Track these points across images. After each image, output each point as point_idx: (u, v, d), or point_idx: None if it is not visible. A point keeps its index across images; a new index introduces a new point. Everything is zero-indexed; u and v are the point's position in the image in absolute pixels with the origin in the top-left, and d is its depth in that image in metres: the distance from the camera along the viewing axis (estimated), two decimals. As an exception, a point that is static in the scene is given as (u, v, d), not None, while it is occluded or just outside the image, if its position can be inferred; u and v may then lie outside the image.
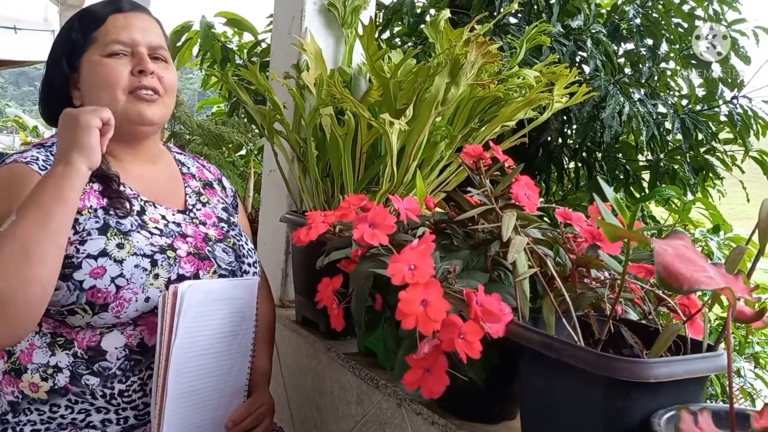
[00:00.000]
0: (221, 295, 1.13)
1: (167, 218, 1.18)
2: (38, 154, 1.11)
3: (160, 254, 1.09)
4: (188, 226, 1.20)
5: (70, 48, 1.16)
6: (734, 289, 0.66)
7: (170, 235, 1.15)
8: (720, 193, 3.00)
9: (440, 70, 1.27)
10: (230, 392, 1.16)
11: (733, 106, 2.70)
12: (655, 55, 2.65)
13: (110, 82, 1.12)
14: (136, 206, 1.14)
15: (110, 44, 1.14)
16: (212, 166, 1.41)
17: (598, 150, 2.81)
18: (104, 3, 1.20)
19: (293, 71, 1.55)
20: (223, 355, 1.14)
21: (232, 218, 1.32)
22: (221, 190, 1.36)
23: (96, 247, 1.04)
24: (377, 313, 1.09)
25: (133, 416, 1.09)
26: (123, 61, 1.14)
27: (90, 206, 1.09)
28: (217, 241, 1.22)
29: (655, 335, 0.84)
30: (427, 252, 0.86)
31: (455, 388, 0.89)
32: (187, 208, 1.24)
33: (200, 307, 1.07)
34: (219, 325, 1.12)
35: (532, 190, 1.01)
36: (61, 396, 1.05)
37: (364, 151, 1.46)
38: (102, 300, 1.02)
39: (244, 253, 1.25)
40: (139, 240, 1.08)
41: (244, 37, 3.23)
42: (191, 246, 1.16)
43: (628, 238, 0.72)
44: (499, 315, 0.85)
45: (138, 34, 1.15)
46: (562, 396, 0.83)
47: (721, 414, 0.74)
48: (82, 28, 1.16)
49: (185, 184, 1.28)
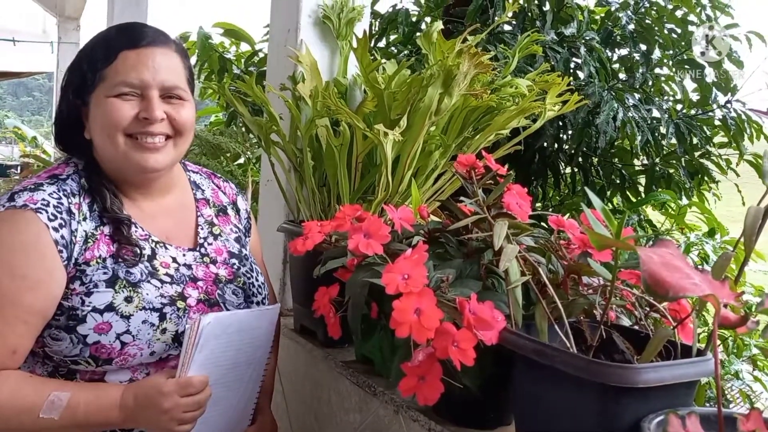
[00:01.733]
0: (240, 326, 1.11)
1: (178, 261, 1.14)
2: (50, 197, 1.05)
3: (170, 306, 1.07)
4: (199, 267, 1.16)
5: (79, 82, 1.09)
6: (719, 295, 0.68)
7: (181, 281, 1.12)
8: (716, 197, 3.02)
9: (433, 81, 1.29)
10: (237, 418, 1.17)
11: (727, 111, 2.72)
12: (648, 60, 2.67)
13: (113, 125, 1.06)
14: (147, 250, 1.10)
15: (118, 85, 1.06)
16: (229, 185, 1.35)
17: (594, 155, 2.83)
18: (120, 33, 1.11)
19: (289, 83, 1.57)
20: (234, 385, 1.13)
21: (244, 250, 1.27)
22: (235, 215, 1.30)
23: (102, 300, 1.02)
24: (373, 321, 1.11)
25: None
26: (131, 102, 1.06)
27: (99, 256, 1.05)
28: (228, 282, 1.19)
29: (646, 340, 0.85)
30: (420, 261, 0.88)
31: (451, 395, 0.90)
32: (198, 243, 1.20)
33: (217, 340, 1.05)
34: (234, 356, 1.11)
35: (524, 198, 1.03)
36: None
37: (360, 160, 1.47)
38: (106, 355, 1.01)
39: (253, 291, 1.22)
40: (149, 292, 1.06)
41: (241, 47, 3.25)
42: (201, 291, 1.13)
43: (614, 246, 0.73)
44: (492, 323, 0.87)
45: (149, 74, 1.06)
46: (555, 402, 0.85)
47: (710, 417, 0.76)
48: (93, 63, 1.08)
49: (198, 213, 1.24)
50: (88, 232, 1.06)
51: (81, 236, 1.05)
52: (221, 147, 2.58)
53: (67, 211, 1.05)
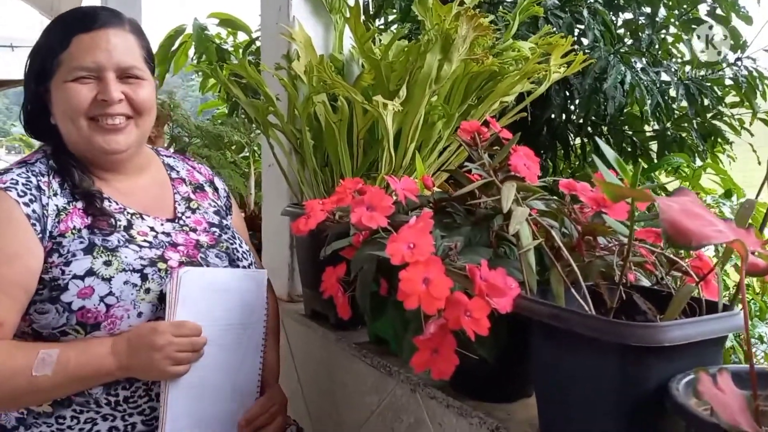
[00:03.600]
0: (225, 285, 1.11)
1: (156, 229, 1.14)
2: (19, 177, 1.07)
3: (150, 267, 1.07)
4: (178, 235, 1.16)
5: (39, 70, 1.12)
6: (745, 241, 0.63)
7: (160, 246, 1.12)
8: (730, 158, 2.95)
9: (431, 47, 1.24)
10: (242, 386, 1.15)
11: (738, 69, 2.65)
12: (654, 22, 2.60)
13: (72, 109, 1.08)
14: (123, 221, 1.11)
15: (74, 70, 1.07)
16: (204, 167, 1.37)
17: (603, 123, 2.76)
18: (74, 17, 1.13)
19: (284, 62, 1.52)
20: (232, 347, 1.12)
21: (225, 221, 1.28)
22: (213, 192, 1.31)
23: (82, 267, 1.02)
24: (383, 298, 1.07)
25: (140, 421, 1.07)
26: (89, 85, 1.08)
27: (74, 227, 1.06)
28: (210, 247, 1.18)
29: (668, 300, 0.81)
30: (426, 229, 0.84)
31: (468, 369, 0.86)
32: (177, 216, 1.21)
33: (202, 294, 1.06)
34: (226, 316, 1.10)
35: (532, 160, 0.98)
36: (65, 407, 1.04)
37: (361, 137, 1.43)
38: (93, 320, 1.01)
39: (238, 256, 1.21)
40: (127, 255, 1.06)
41: (238, 37, 3.21)
42: (183, 255, 1.13)
43: (629, 196, 0.69)
44: (505, 289, 0.83)
45: (104, 56, 1.08)
46: (576, 368, 0.81)
47: (741, 374, 0.71)
48: (49, 50, 1.10)
49: (174, 191, 1.25)
50: (59, 206, 1.07)
51: (53, 210, 1.06)
52: (222, 137, 2.55)
53: (36, 187, 1.07)
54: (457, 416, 1.06)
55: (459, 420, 1.06)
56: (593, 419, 0.79)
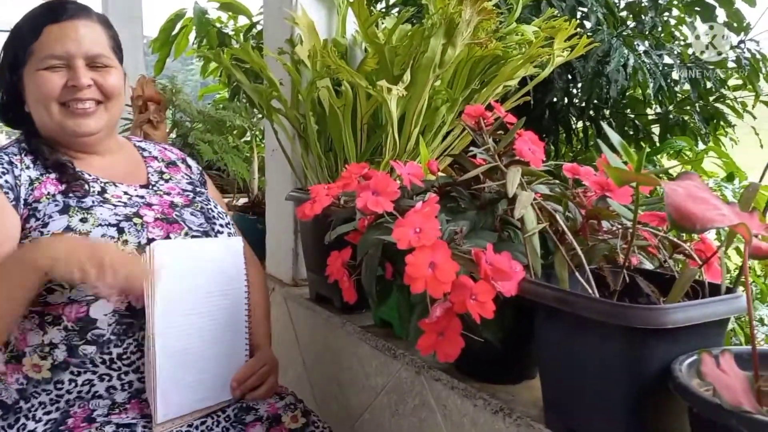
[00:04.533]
0: (197, 254, 1.15)
1: (129, 193, 1.19)
2: None
3: (126, 222, 1.11)
4: (152, 197, 1.21)
5: (12, 60, 1.17)
6: (749, 225, 0.64)
7: (134, 205, 1.16)
8: (732, 141, 2.95)
9: (435, 31, 1.24)
10: (228, 352, 1.17)
11: (741, 51, 2.63)
12: (656, 4, 2.58)
13: (44, 96, 1.13)
14: (96, 187, 1.15)
15: (45, 59, 1.13)
16: (174, 149, 1.42)
17: (606, 107, 2.76)
18: (44, 9, 1.18)
19: (287, 46, 1.52)
20: (213, 315, 1.14)
21: (199, 188, 1.33)
22: (185, 167, 1.37)
23: (59, 225, 1.06)
24: (388, 282, 1.08)
25: (136, 379, 1.10)
26: (60, 73, 1.13)
27: (48, 192, 1.10)
28: (184, 206, 1.23)
29: (671, 283, 0.82)
30: (432, 214, 0.84)
31: (473, 351, 0.87)
32: (150, 183, 1.26)
33: (176, 264, 1.09)
34: (203, 284, 1.13)
35: (537, 144, 0.99)
36: (62, 370, 1.06)
37: (365, 122, 1.43)
38: None
39: (213, 215, 1.26)
40: (102, 212, 1.10)
41: (239, 21, 3.19)
42: (158, 212, 1.17)
43: (635, 180, 0.69)
44: (510, 273, 0.83)
45: (73, 45, 1.14)
46: (580, 350, 0.82)
47: (743, 356, 0.72)
48: (21, 40, 1.16)
49: (147, 165, 1.30)
50: (32, 177, 1.12)
51: (26, 179, 1.11)
52: (224, 122, 2.54)
53: (8, 162, 1.12)
54: (462, 398, 1.08)
55: (463, 401, 1.08)
56: (597, 400, 0.80)
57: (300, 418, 1.18)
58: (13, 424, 1.06)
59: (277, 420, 1.16)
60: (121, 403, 1.09)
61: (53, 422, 1.06)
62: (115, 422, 1.06)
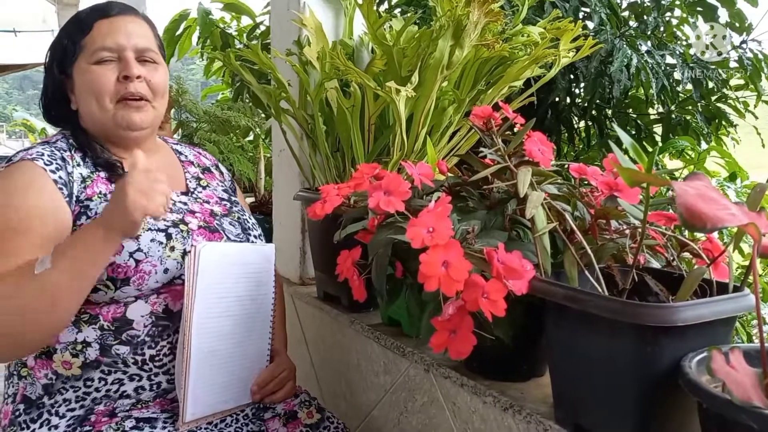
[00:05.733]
0: (237, 258, 1.17)
1: (173, 198, 1.21)
2: (43, 150, 1.12)
3: (174, 228, 1.13)
4: (194, 204, 1.24)
5: (61, 56, 1.18)
6: (758, 224, 0.66)
7: (179, 211, 1.19)
8: (734, 141, 2.96)
9: (443, 33, 1.25)
10: (252, 356, 1.19)
11: (743, 51, 2.65)
12: (659, 4, 2.60)
13: (98, 90, 1.14)
14: None
15: (97, 51, 1.14)
16: (208, 153, 1.44)
17: (608, 107, 2.77)
18: (92, 8, 1.21)
19: (295, 47, 1.53)
20: (242, 318, 1.16)
21: (233, 197, 1.36)
22: (219, 174, 1.39)
23: None
24: (398, 280, 1.09)
25: (165, 380, 1.12)
26: (110, 67, 1.15)
27: (99, 191, 1.12)
28: (223, 216, 1.26)
29: (679, 282, 0.83)
30: (444, 214, 0.86)
31: (482, 348, 0.89)
32: (189, 190, 1.28)
33: (217, 268, 1.11)
34: (236, 288, 1.16)
35: (546, 145, 1.00)
36: (94, 369, 1.08)
37: (373, 122, 1.45)
38: (123, 274, 1.05)
39: (249, 226, 1.29)
40: (151, 218, 1.11)
41: (242, 21, 3.20)
42: (201, 220, 1.20)
43: (647, 181, 0.71)
44: (521, 271, 0.85)
45: (123, 38, 1.15)
46: (590, 348, 0.83)
47: (751, 353, 0.74)
48: (71, 36, 1.17)
49: (185, 171, 1.32)
50: (84, 175, 1.13)
51: (78, 177, 1.12)
52: (230, 122, 2.56)
53: (61, 158, 1.12)
54: (471, 395, 1.09)
55: (473, 399, 1.09)
56: (608, 397, 0.82)
57: (315, 414, 1.20)
58: (36, 418, 1.08)
59: (293, 416, 1.19)
60: (146, 401, 1.11)
61: (76, 418, 1.07)
62: (135, 416, 1.07)
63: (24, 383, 1.11)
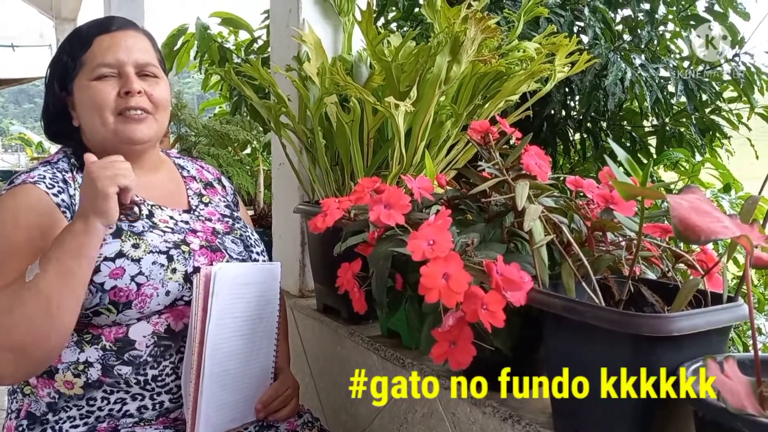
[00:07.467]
0: (248, 279, 1.17)
1: (175, 218, 1.21)
2: (45, 172, 1.13)
3: (175, 249, 1.13)
4: (196, 223, 1.24)
5: (61, 72, 1.18)
6: (750, 236, 0.67)
7: (181, 231, 1.19)
8: (728, 153, 2.99)
9: (441, 49, 1.28)
10: (258, 374, 1.20)
11: (736, 64, 2.68)
12: (653, 18, 2.64)
13: (99, 105, 1.14)
14: (144, 210, 1.17)
15: (97, 68, 1.15)
16: (211, 167, 1.45)
17: (603, 119, 2.80)
18: (92, 24, 1.21)
19: (294, 63, 1.56)
20: (250, 337, 1.17)
21: (235, 213, 1.36)
22: (221, 188, 1.39)
23: (112, 249, 1.08)
24: (398, 292, 1.11)
25: (168, 400, 1.12)
26: (111, 82, 1.15)
27: None
28: (225, 234, 1.26)
29: (674, 292, 0.85)
30: (444, 227, 0.88)
31: (481, 359, 0.90)
32: (191, 207, 1.28)
33: (230, 289, 1.12)
34: (246, 308, 1.17)
35: (543, 159, 1.02)
36: (96, 388, 1.08)
37: (372, 136, 1.47)
38: (125, 298, 1.06)
39: (251, 242, 1.29)
40: (153, 238, 1.12)
41: (240, 36, 3.23)
42: (202, 239, 1.20)
43: (642, 195, 0.73)
44: (519, 283, 0.86)
45: (123, 53, 1.16)
46: (588, 357, 0.85)
47: (746, 362, 0.75)
48: (71, 52, 1.18)
49: (187, 187, 1.32)
50: None
51: (79, 200, 1.10)
52: (229, 136, 2.58)
53: (62, 180, 1.13)
54: (471, 405, 1.10)
55: (472, 409, 1.10)
56: (605, 406, 0.83)
57: None
58: None
59: None
60: (149, 420, 1.12)
61: None
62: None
63: (28, 400, 1.12)
